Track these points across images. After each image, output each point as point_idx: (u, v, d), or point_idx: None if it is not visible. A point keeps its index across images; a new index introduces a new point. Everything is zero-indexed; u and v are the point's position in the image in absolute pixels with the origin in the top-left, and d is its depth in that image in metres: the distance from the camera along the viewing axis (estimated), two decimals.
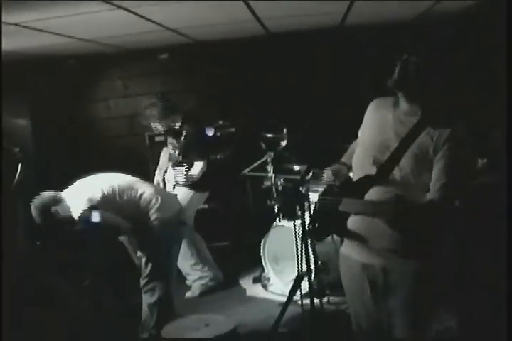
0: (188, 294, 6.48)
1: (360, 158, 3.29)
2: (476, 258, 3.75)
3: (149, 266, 5.04)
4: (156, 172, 6.66)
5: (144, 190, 5.03)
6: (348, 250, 3.40)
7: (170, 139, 6.51)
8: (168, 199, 5.18)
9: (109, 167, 5.81)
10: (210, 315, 4.75)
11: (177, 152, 6.29)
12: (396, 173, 3.05)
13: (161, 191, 5.23)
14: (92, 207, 4.72)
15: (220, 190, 7.41)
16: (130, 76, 8.16)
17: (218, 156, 6.56)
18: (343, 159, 3.60)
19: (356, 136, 3.47)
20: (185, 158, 6.23)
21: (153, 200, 4.98)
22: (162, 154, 6.66)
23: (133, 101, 7.88)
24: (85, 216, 4.73)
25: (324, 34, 7.27)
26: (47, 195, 4.86)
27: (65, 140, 8.06)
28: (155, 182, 6.49)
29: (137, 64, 8.13)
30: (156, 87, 7.81)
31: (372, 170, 3.14)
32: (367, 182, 3.13)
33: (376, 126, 3.24)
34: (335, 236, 4.57)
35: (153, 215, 4.96)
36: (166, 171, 6.57)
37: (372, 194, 3.10)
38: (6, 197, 5.24)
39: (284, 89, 7.59)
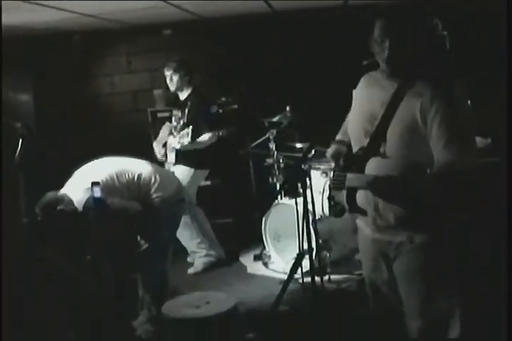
0: (191, 270, 6.50)
1: (353, 132, 3.27)
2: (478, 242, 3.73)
3: (147, 243, 5.03)
4: (154, 143, 6.61)
5: (142, 170, 4.99)
6: (361, 223, 3.43)
7: (175, 111, 6.50)
8: (166, 176, 5.16)
9: (112, 142, 5.83)
10: (211, 293, 4.75)
11: (182, 122, 6.29)
12: (386, 143, 3.02)
13: (158, 169, 5.19)
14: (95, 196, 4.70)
15: (222, 167, 7.42)
16: (134, 52, 8.13)
17: (221, 133, 6.52)
18: (340, 136, 3.57)
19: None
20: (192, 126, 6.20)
21: (153, 179, 4.95)
22: (162, 130, 6.62)
23: (137, 77, 7.87)
24: (90, 205, 4.71)
25: (328, 13, 7.22)
26: (48, 196, 4.83)
27: (68, 116, 8.05)
28: (156, 153, 6.45)
29: (141, 40, 8.11)
30: (159, 63, 7.79)
31: (365, 142, 3.12)
32: (362, 154, 3.11)
33: (364, 100, 3.21)
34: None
35: (153, 194, 4.94)
36: (164, 145, 6.53)
37: (371, 166, 3.08)
38: (6, 172, 5.23)
39: (288, 67, 7.57)
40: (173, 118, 6.52)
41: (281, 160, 6.60)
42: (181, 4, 6.21)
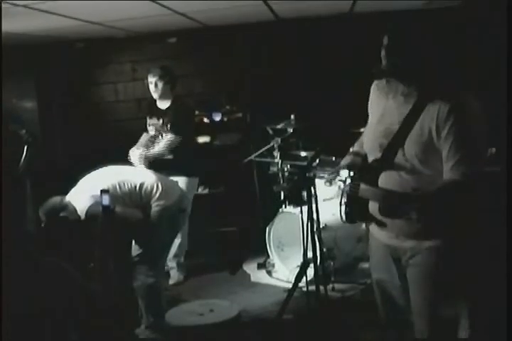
0: (172, 281, 6.51)
1: (369, 145, 3.28)
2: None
3: (143, 252, 5.03)
4: (131, 151, 6.47)
5: (144, 179, 5.00)
6: (373, 228, 3.42)
7: (153, 120, 6.44)
8: (169, 186, 5.15)
9: (115, 150, 5.82)
10: (215, 301, 4.76)
11: (163, 132, 6.23)
12: (400, 157, 3.03)
13: (162, 178, 5.18)
14: (98, 203, 4.71)
15: (226, 176, 7.42)
16: (138, 60, 8.14)
17: (226, 142, 6.49)
18: (356, 148, 3.57)
19: (363, 122, 3.45)
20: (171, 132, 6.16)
21: (155, 188, 4.95)
22: (141, 139, 6.52)
23: (141, 85, 7.87)
24: (92, 212, 4.72)
25: (333, 20, 7.24)
26: (52, 201, 4.84)
27: (72, 123, 8.07)
28: (132, 160, 6.33)
29: (146, 48, 8.11)
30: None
31: (379, 156, 3.13)
32: (375, 167, 3.13)
33: (379, 111, 3.20)
34: None
35: (154, 203, 4.93)
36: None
37: (384, 179, 3.09)
38: (13, 179, 5.24)
39: (292, 75, 7.58)
40: (151, 128, 6.43)
41: (285, 169, 6.59)
42: (186, 12, 6.22)
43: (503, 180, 3.26)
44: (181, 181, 6.21)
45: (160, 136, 6.27)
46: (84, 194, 4.79)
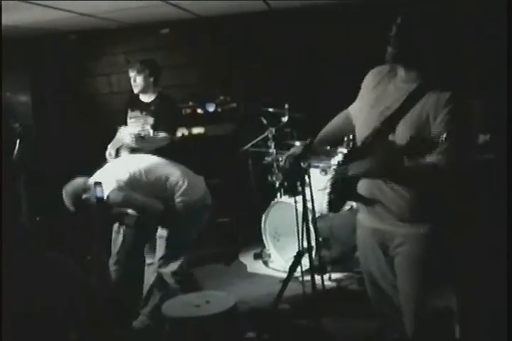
0: None
1: (361, 127, 3.28)
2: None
3: (167, 246, 5.03)
4: (109, 145, 6.41)
5: (171, 172, 4.99)
6: (362, 216, 3.45)
7: (135, 113, 6.34)
8: (194, 182, 5.13)
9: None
10: (211, 292, 4.74)
11: (146, 126, 6.17)
12: (393, 139, 3.05)
13: (188, 174, 5.17)
14: (120, 188, 4.71)
15: (221, 166, 7.40)
16: (132, 51, 8.11)
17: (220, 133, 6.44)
18: (321, 133, 3.67)
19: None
20: (156, 130, 6.11)
21: (180, 182, 4.93)
22: (119, 132, 6.45)
23: None
24: (112, 197, 4.72)
25: (325, 10, 7.22)
26: (77, 182, 4.83)
27: (66, 115, 8.05)
28: (107, 154, 6.28)
29: (139, 39, 8.08)
30: (158, 61, 7.78)
31: (371, 136, 3.14)
32: (367, 147, 3.13)
33: (375, 94, 3.22)
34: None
35: (178, 198, 4.92)
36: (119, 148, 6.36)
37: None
38: (6, 173, 5.22)
39: (286, 65, 7.56)
40: (133, 120, 6.31)
41: (280, 159, 6.58)
42: (179, 3, 6.20)
43: (503, 179, 3.26)
44: None
45: (144, 130, 6.19)
46: (109, 177, 4.79)
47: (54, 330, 3.17)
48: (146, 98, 6.25)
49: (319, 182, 5.99)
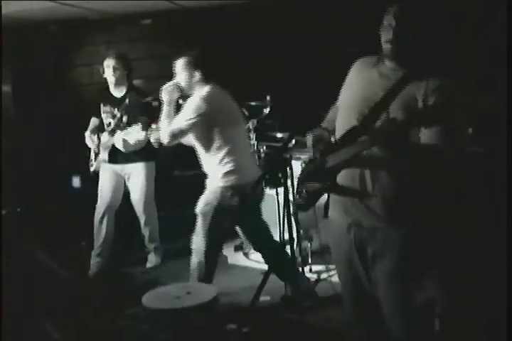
0: (149, 264, 6.58)
1: (343, 118, 3.25)
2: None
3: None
4: (87, 133, 6.31)
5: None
6: (335, 213, 3.37)
7: (107, 108, 6.30)
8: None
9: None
10: (192, 283, 4.73)
11: (120, 120, 6.12)
12: (379, 124, 3.02)
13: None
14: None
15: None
16: (113, 41, 8.05)
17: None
18: (324, 124, 3.54)
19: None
20: (130, 125, 6.06)
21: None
22: (91, 123, 6.42)
23: None
24: None
25: (307, 2, 7.21)
26: None
27: (48, 106, 7.99)
28: (88, 142, 6.24)
29: (120, 29, 8.03)
30: (140, 52, 7.74)
31: (358, 124, 3.11)
32: (352, 134, 3.09)
33: (360, 84, 3.21)
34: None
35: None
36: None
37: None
38: None
39: (269, 56, 7.54)
40: (105, 115, 6.29)
41: (261, 150, 6.57)
42: None
43: (503, 180, 3.26)
44: (140, 166, 6.20)
45: (119, 123, 6.13)
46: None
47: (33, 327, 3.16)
48: (118, 92, 6.21)
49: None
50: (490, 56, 4.32)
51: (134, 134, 5.98)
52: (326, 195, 3.37)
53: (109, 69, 6.11)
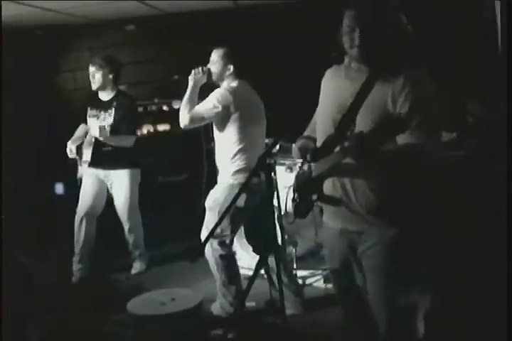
0: (134, 270, 6.55)
1: (321, 125, 3.26)
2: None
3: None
4: (69, 142, 6.17)
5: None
6: (328, 217, 3.39)
7: (94, 111, 6.30)
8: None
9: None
10: (177, 289, 4.73)
11: (106, 123, 6.11)
12: (354, 130, 3.00)
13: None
14: None
15: (188, 163, 7.39)
16: (97, 47, 8.04)
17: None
18: (307, 132, 3.55)
19: None
20: (117, 131, 6.09)
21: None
22: (78, 130, 6.39)
23: None
24: None
25: (290, 6, 7.23)
26: None
27: (31, 111, 7.97)
28: (68, 150, 6.20)
29: (104, 35, 8.03)
30: (124, 58, 7.73)
31: (333, 132, 3.11)
32: (329, 143, 3.09)
33: (333, 91, 3.21)
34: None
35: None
36: (80, 145, 6.28)
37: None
38: None
39: (252, 63, 7.54)
40: (92, 119, 6.28)
41: None
42: None
43: (503, 180, 3.27)
44: (124, 173, 6.19)
45: (106, 127, 6.11)
46: None
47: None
48: (105, 96, 6.20)
49: (285, 179, 6.00)
50: (462, 53, 4.34)
51: (121, 139, 6.00)
52: None
53: (93, 72, 6.11)
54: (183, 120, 4.94)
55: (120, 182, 6.22)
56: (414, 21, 3.03)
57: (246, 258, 6.31)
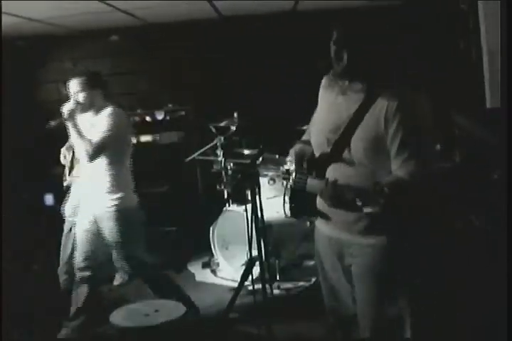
0: (116, 282, 6.50)
1: (316, 139, 3.27)
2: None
3: None
4: (63, 148, 6.27)
5: None
6: (319, 223, 3.40)
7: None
8: None
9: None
10: (160, 301, 4.71)
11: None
12: (347, 152, 3.02)
13: None
14: None
15: (169, 174, 7.38)
16: (80, 57, 8.02)
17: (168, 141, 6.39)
18: (305, 137, 3.55)
19: (307, 120, 3.46)
20: None
21: None
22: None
23: None
24: None
25: (276, 18, 7.26)
26: None
27: (14, 123, 7.93)
28: (61, 157, 6.17)
29: (87, 45, 8.01)
30: (106, 68, 7.71)
31: (327, 150, 3.12)
32: (324, 160, 3.12)
33: (327, 106, 3.21)
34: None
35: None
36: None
37: (331, 172, 3.08)
38: None
39: (235, 73, 7.57)
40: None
41: (228, 167, 6.57)
42: (128, 9, 6.16)
43: (504, 180, 3.29)
44: None
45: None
46: None
47: None
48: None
49: (268, 191, 6.01)
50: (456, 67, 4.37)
51: None
52: None
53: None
54: (87, 155, 4.84)
55: None
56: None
57: (228, 270, 6.31)
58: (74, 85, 4.94)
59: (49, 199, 4.18)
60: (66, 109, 4.81)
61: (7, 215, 5.02)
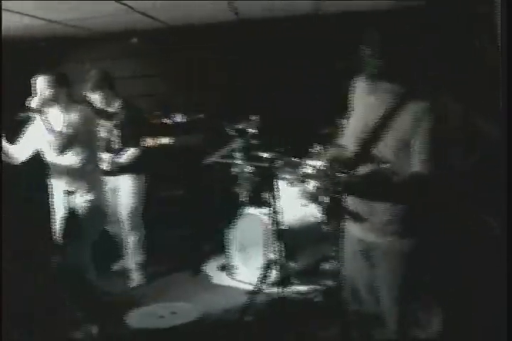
0: (132, 283, 6.50)
1: (348, 140, 3.32)
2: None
3: None
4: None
5: None
6: (349, 224, 3.45)
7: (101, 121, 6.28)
8: None
9: None
10: (176, 303, 4.71)
11: (115, 134, 6.14)
12: (379, 152, 3.07)
13: None
14: None
15: (186, 177, 7.38)
16: (100, 59, 8.04)
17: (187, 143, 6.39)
18: (339, 141, 3.59)
19: (329, 123, 3.48)
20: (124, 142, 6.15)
21: None
22: None
23: None
24: None
25: (296, 21, 7.24)
26: None
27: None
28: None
29: (107, 47, 8.03)
30: (126, 70, 7.73)
31: (357, 149, 3.19)
32: (356, 160, 3.15)
33: (360, 107, 3.28)
34: None
35: None
36: None
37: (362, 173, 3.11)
38: None
39: (256, 76, 7.56)
40: (102, 129, 6.19)
41: (247, 170, 6.55)
42: (148, 12, 6.17)
43: (504, 180, 3.28)
44: (129, 179, 6.19)
45: (115, 138, 6.15)
46: None
47: None
48: (111, 108, 6.21)
49: (286, 193, 5.99)
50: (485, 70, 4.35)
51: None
52: None
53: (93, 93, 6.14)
54: (59, 148, 4.99)
55: (125, 190, 6.22)
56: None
57: (245, 273, 6.30)
58: (41, 82, 5.14)
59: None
60: (34, 102, 5.06)
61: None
